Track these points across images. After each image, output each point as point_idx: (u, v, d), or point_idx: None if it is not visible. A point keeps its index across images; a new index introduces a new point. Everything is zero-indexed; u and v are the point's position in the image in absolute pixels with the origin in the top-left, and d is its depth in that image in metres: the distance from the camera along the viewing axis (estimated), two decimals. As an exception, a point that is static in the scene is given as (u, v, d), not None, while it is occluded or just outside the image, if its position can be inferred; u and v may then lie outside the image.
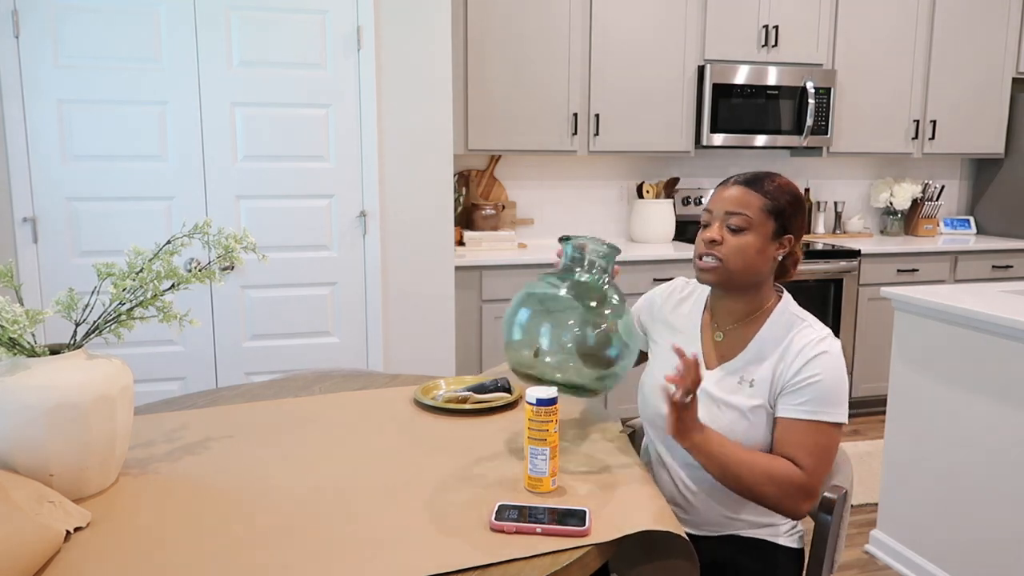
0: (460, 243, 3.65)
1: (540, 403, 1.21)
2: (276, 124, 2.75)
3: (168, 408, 1.65)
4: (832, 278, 3.78)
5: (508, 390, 1.68)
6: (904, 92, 4.09)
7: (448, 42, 2.87)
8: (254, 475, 1.29)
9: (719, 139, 3.79)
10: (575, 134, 3.64)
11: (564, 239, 1.40)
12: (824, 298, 3.78)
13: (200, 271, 1.30)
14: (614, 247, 1.39)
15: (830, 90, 3.89)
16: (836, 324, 3.81)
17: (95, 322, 1.25)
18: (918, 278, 3.90)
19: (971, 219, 4.58)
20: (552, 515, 1.11)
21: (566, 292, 1.34)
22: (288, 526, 1.11)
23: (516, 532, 1.08)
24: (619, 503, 1.19)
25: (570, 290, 1.34)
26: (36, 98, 2.54)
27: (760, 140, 3.85)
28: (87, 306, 1.24)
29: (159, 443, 1.43)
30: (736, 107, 3.78)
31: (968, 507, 2.22)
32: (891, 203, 4.33)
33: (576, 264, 1.38)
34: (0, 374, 1.13)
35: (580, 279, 1.36)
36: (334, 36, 2.75)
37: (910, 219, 4.43)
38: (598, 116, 3.64)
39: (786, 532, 1.46)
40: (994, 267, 4.01)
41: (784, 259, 1.42)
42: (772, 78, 3.80)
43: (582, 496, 1.21)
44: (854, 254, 3.80)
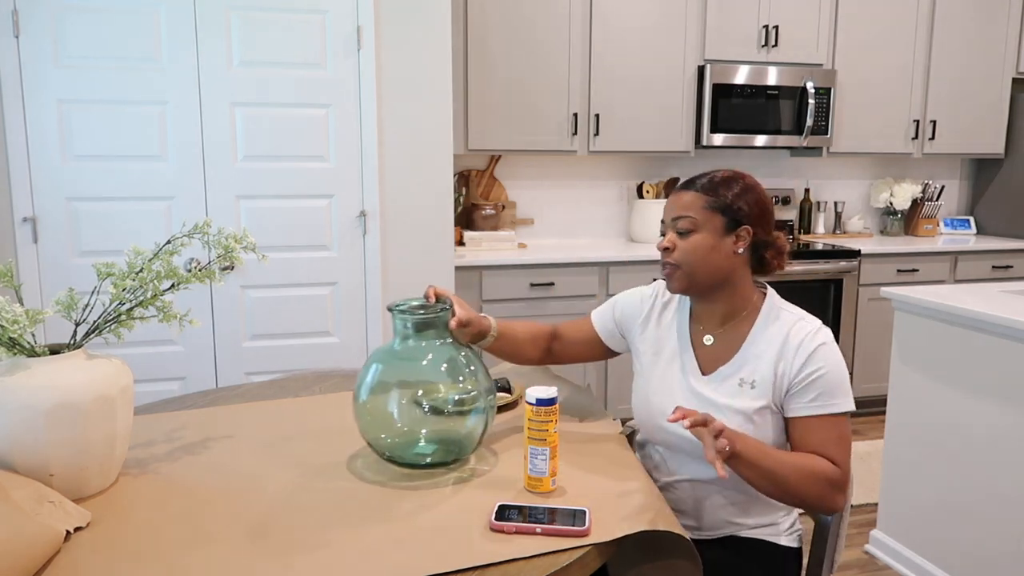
0: (460, 243, 3.65)
1: (540, 403, 1.21)
2: (276, 124, 2.75)
3: (168, 408, 1.65)
4: (832, 278, 3.78)
5: (508, 390, 1.68)
6: (904, 92, 4.08)
7: (448, 42, 2.87)
8: (254, 475, 1.29)
9: (719, 139, 3.79)
10: (575, 134, 3.64)
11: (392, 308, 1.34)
12: (824, 298, 3.78)
13: (200, 271, 1.30)
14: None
15: (830, 90, 3.88)
16: (836, 324, 3.81)
17: (95, 322, 1.25)
18: (918, 278, 3.90)
19: (971, 219, 4.58)
20: (552, 515, 1.11)
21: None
22: (288, 526, 1.11)
23: (516, 532, 1.08)
24: (619, 503, 1.18)
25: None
26: (36, 98, 2.54)
27: (760, 140, 3.85)
28: (87, 306, 1.24)
29: (159, 443, 1.43)
30: (736, 107, 3.78)
31: (968, 507, 2.22)
32: (891, 203, 4.33)
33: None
34: (0, 374, 1.13)
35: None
36: (334, 36, 2.75)
37: (910, 219, 4.43)
38: (598, 116, 3.64)
39: (786, 532, 1.46)
40: (994, 267, 4.01)
41: (761, 252, 1.39)
42: (772, 78, 3.80)
43: (582, 496, 1.21)
44: (854, 254, 3.80)
